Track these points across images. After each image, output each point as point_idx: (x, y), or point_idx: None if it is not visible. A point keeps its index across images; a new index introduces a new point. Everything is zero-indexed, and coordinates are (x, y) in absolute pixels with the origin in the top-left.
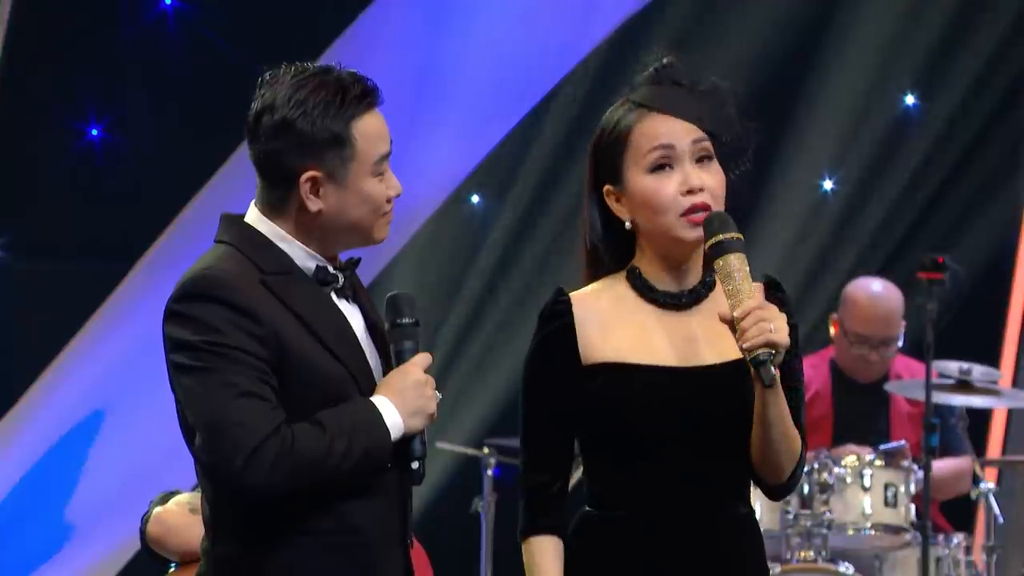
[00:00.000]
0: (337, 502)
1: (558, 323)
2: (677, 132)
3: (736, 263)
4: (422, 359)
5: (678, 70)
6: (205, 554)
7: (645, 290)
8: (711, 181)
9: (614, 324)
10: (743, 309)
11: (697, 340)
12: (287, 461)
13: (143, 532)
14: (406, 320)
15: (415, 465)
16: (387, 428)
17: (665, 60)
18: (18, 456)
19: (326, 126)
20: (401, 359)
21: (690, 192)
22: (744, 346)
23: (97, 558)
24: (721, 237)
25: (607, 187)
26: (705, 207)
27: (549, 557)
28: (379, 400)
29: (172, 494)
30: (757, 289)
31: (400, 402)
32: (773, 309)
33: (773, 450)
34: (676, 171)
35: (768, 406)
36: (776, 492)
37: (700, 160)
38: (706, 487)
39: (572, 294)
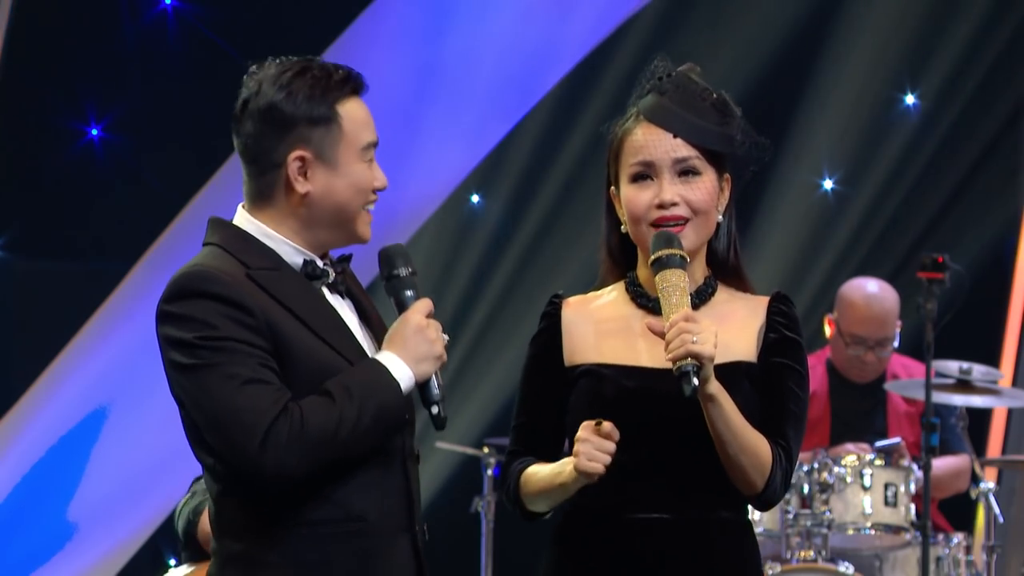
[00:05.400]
0: (339, 492)
1: (545, 325)
2: (660, 147)
3: (672, 278)
4: (422, 305)
5: (684, 79)
6: (214, 553)
7: (637, 296)
8: (691, 195)
9: (600, 328)
10: (669, 322)
11: None
12: (301, 437)
13: (192, 523)
14: (401, 271)
15: (435, 410)
16: (396, 382)
17: (673, 70)
18: (18, 456)
19: (312, 106)
20: (403, 308)
21: (660, 206)
22: (668, 357)
23: (98, 557)
24: (661, 254)
25: (612, 189)
26: (676, 219)
27: (543, 467)
28: (384, 356)
29: (196, 494)
30: (758, 303)
31: (404, 352)
32: (702, 323)
33: (732, 462)
34: (655, 183)
35: (712, 420)
36: (755, 503)
37: (683, 174)
38: (682, 487)
39: (569, 299)
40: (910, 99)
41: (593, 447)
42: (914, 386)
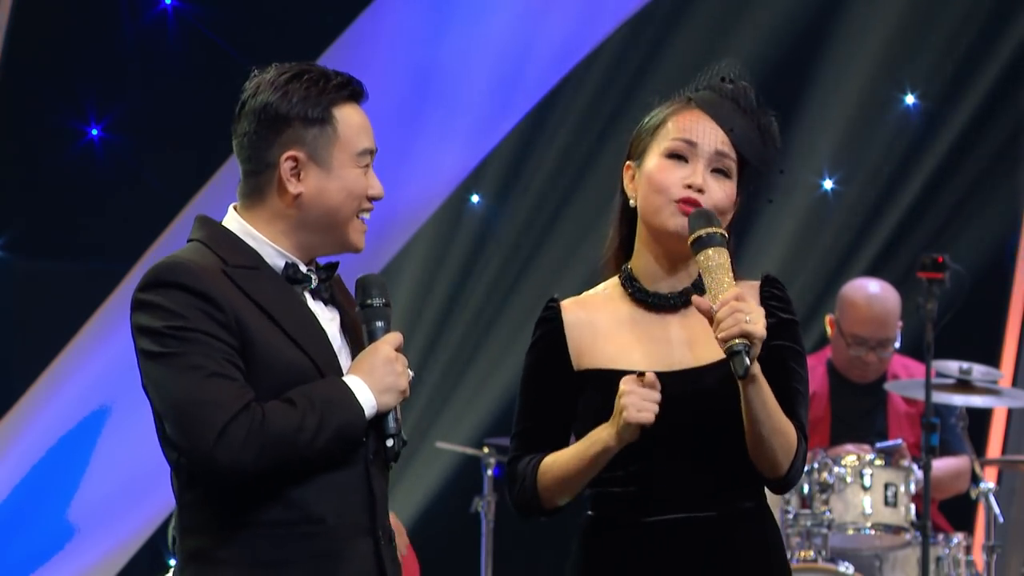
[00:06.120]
0: (297, 492)
1: (547, 329)
2: (707, 135)
3: (716, 257)
4: (392, 338)
5: (741, 90)
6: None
7: (636, 292)
8: (718, 192)
9: (604, 329)
10: (720, 300)
11: (685, 342)
12: (258, 437)
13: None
14: (375, 301)
15: (390, 443)
16: (360, 405)
17: (737, 77)
18: (18, 456)
19: (306, 107)
20: (372, 339)
21: (690, 187)
22: (719, 336)
23: (98, 557)
24: (702, 232)
25: (628, 162)
26: (698, 205)
27: (561, 452)
28: (350, 379)
29: None
30: (750, 288)
31: (371, 380)
32: (751, 302)
33: (764, 445)
34: (689, 166)
35: (751, 401)
36: (776, 486)
37: (716, 171)
38: (703, 485)
39: (564, 301)
40: (910, 99)
41: (640, 397)
42: (914, 386)
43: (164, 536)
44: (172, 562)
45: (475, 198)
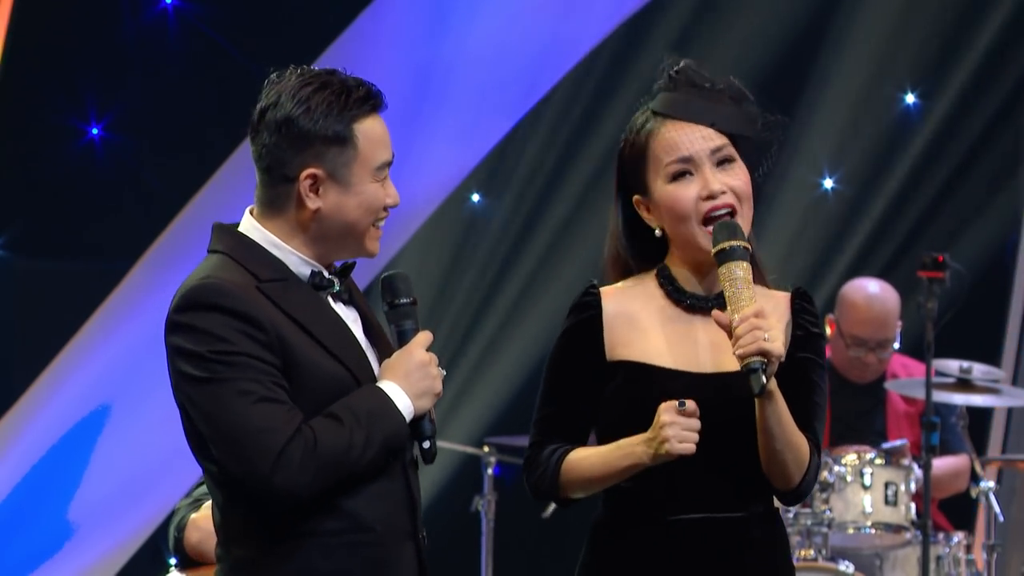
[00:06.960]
0: (347, 501)
1: (586, 315)
2: (695, 141)
3: (738, 271)
4: (423, 338)
5: (693, 72)
6: (220, 560)
7: (673, 292)
8: (734, 182)
9: (641, 323)
10: (740, 316)
11: (718, 346)
12: (312, 460)
13: (179, 540)
14: (404, 300)
15: (426, 445)
16: (401, 413)
17: (679, 64)
18: (19, 456)
19: (328, 124)
20: (403, 339)
21: (710, 197)
22: (737, 352)
23: (98, 557)
24: (725, 245)
25: (636, 197)
26: (727, 206)
27: (590, 451)
28: (387, 385)
29: (197, 501)
30: (781, 299)
31: (407, 385)
32: (770, 319)
33: (777, 459)
34: (696, 177)
35: (766, 416)
36: (787, 498)
37: (721, 163)
38: (724, 486)
39: (603, 288)
40: (911, 98)
41: (681, 428)
42: (914, 385)
43: (164, 536)
44: (172, 562)
45: (475, 197)
